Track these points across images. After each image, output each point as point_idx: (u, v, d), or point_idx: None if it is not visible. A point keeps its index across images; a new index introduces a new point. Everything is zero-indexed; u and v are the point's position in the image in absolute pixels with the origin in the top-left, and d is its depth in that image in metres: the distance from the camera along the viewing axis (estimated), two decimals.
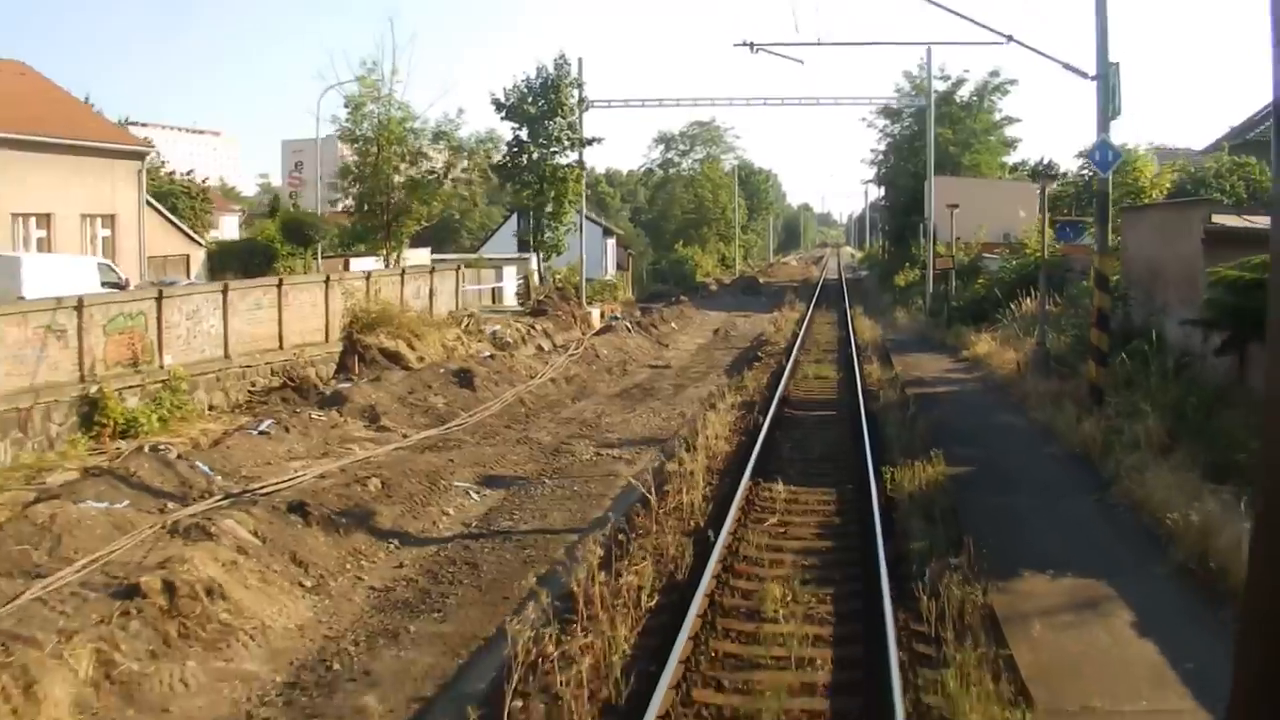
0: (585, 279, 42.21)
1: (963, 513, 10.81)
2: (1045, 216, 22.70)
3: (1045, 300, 21.05)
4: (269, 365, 22.02)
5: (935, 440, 13.78)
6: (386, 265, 34.40)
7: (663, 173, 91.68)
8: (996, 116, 54.80)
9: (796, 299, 47.09)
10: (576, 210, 42.11)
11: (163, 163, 46.72)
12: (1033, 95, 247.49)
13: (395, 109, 35.82)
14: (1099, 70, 15.67)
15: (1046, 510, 11.28)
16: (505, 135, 41.30)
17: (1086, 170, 32.74)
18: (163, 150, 49.48)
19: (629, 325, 33.83)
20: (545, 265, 43.47)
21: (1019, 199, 40.13)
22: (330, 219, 44.10)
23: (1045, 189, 23.46)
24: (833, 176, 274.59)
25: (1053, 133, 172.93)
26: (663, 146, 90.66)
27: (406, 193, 36.32)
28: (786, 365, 24.13)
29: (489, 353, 25.58)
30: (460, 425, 17.59)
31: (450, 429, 17.24)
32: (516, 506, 12.84)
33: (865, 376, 21.34)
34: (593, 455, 15.69)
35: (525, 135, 40.90)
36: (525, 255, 43.35)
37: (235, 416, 18.80)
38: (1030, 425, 16.04)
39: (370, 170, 35.77)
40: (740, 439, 15.61)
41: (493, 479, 14.01)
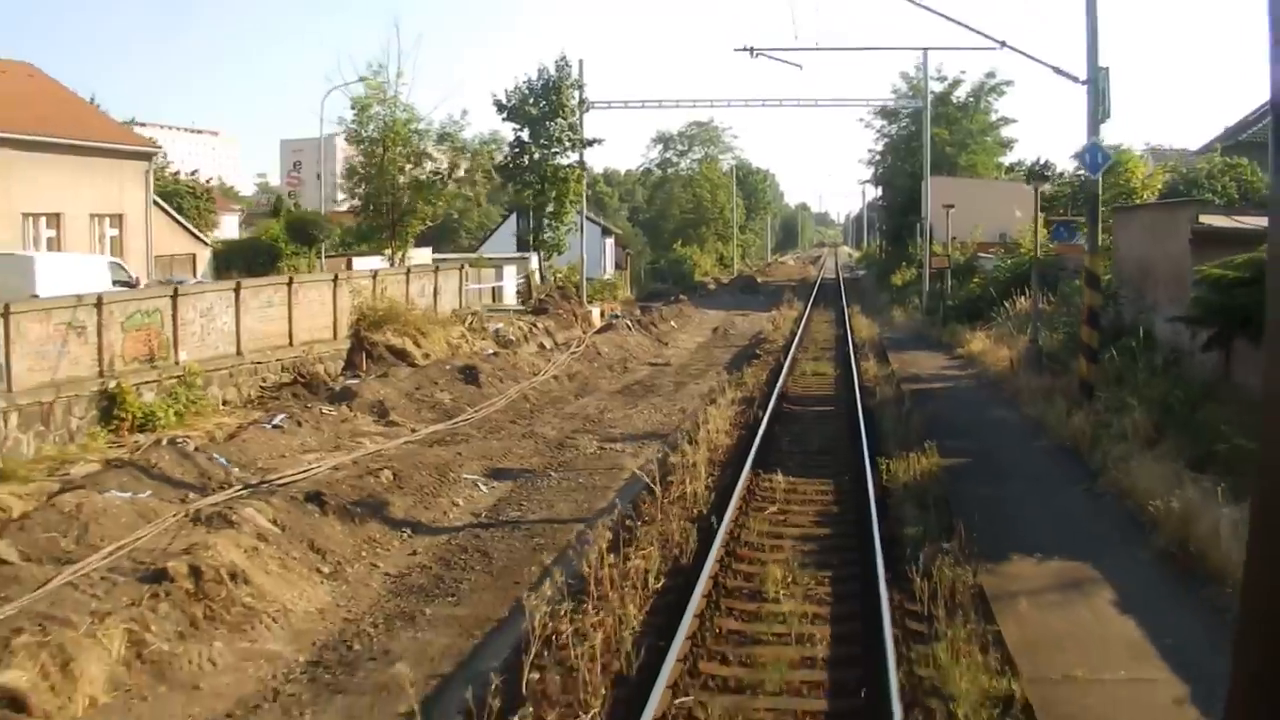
0: (585, 278, 42.52)
1: (955, 501, 11.17)
2: (1038, 216, 23.08)
3: (1038, 299, 21.47)
4: (279, 361, 22.43)
5: (930, 434, 14.06)
6: (392, 264, 34.65)
7: (661, 172, 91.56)
8: (993, 117, 55.17)
9: (794, 298, 46.98)
10: (577, 210, 42.42)
11: (168, 163, 47.06)
12: (1029, 96, 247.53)
13: (400, 111, 36.19)
14: (1089, 75, 15.98)
15: (1036, 499, 11.67)
16: (507, 136, 41.75)
17: (1082, 171, 33.05)
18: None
19: (629, 324, 34.01)
20: (546, 264, 43.83)
21: (1015, 199, 40.31)
22: (333, 218, 44.42)
23: (1038, 189, 23.83)
24: (830, 176, 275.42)
25: (1049, 133, 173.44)
26: (661, 146, 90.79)
27: (411, 193, 36.66)
28: (785, 362, 24.34)
29: (492, 350, 25.89)
30: (466, 420, 17.92)
31: (457, 424, 17.55)
32: (524, 498, 13.16)
33: (862, 373, 21.66)
34: (596, 449, 16.01)
35: (527, 136, 41.23)
36: (525, 255, 43.62)
37: (248, 411, 19.17)
38: (1022, 420, 16.41)
39: (376, 171, 36.13)
40: (740, 433, 15.89)
41: (500, 471, 14.33)
